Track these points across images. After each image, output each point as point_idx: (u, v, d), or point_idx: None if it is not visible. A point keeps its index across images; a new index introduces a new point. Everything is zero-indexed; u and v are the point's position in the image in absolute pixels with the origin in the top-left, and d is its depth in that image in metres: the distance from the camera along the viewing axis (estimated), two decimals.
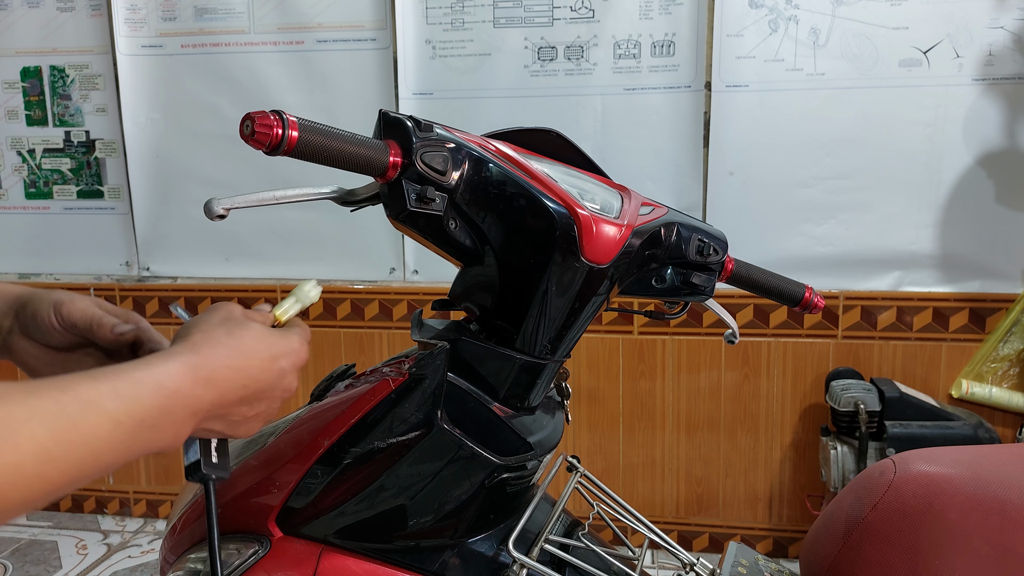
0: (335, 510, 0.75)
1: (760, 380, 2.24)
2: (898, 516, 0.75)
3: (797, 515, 2.29)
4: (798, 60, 2.11)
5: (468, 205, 0.71)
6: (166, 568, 0.83)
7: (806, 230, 2.18)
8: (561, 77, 2.22)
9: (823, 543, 0.82)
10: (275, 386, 0.61)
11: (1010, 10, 2.02)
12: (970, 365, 2.14)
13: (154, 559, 2.38)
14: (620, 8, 2.16)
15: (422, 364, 0.71)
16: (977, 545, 0.71)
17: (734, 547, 0.96)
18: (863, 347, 2.18)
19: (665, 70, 2.17)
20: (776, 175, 2.17)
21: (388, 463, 0.72)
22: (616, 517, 0.89)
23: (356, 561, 0.76)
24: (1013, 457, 0.80)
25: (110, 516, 2.64)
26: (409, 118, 0.69)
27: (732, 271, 0.91)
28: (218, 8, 2.32)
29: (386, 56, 2.27)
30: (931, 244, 2.14)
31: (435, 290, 2.32)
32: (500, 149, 0.75)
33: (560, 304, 0.73)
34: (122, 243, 2.47)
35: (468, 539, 0.78)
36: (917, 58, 2.07)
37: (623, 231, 0.74)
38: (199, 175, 2.35)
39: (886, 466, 0.80)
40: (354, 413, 0.73)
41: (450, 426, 0.72)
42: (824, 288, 2.17)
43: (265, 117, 0.60)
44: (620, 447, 2.33)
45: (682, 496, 2.34)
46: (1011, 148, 2.07)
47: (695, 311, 2.10)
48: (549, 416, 0.84)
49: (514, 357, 0.75)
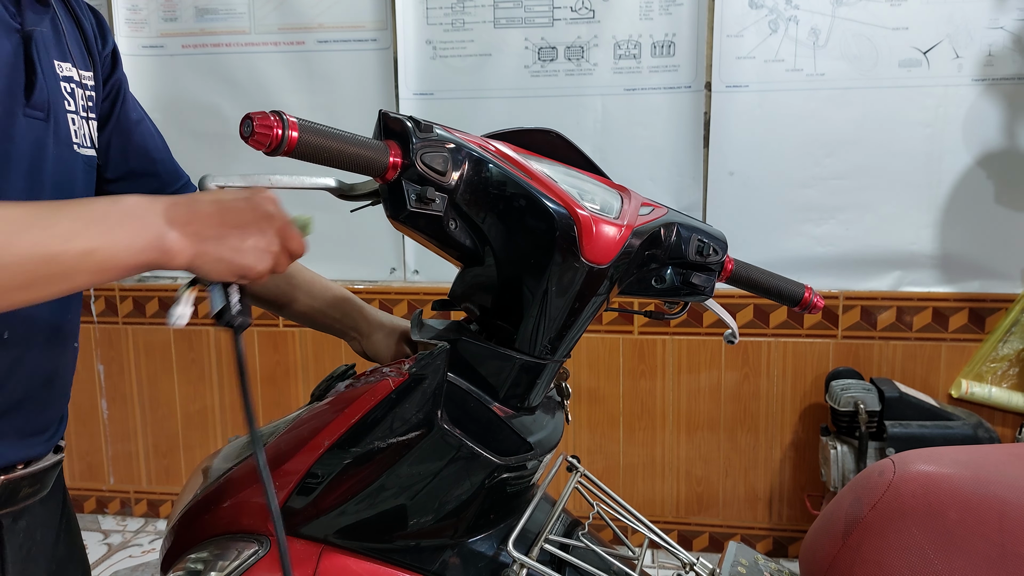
0: (335, 510, 0.75)
1: (760, 380, 2.24)
2: (897, 516, 0.75)
3: (797, 515, 2.29)
4: (798, 60, 2.11)
5: (468, 205, 0.71)
6: (166, 568, 0.83)
7: (806, 230, 2.18)
8: (561, 77, 2.22)
9: (823, 543, 0.82)
10: (254, 210, 0.64)
11: (1010, 10, 2.02)
12: (970, 365, 2.14)
13: (155, 559, 2.38)
14: (620, 8, 2.16)
15: (422, 364, 0.71)
16: (977, 545, 0.71)
17: (734, 547, 0.96)
18: (863, 347, 2.18)
19: (665, 70, 2.17)
20: (776, 175, 2.17)
21: (388, 463, 0.72)
22: (616, 517, 0.89)
23: (356, 561, 0.76)
24: (1013, 457, 0.80)
25: (111, 516, 2.64)
26: (409, 118, 0.69)
27: (732, 271, 0.91)
28: (219, 8, 2.32)
29: (386, 56, 2.27)
30: (931, 244, 2.14)
31: (435, 290, 2.32)
32: (500, 149, 0.75)
33: (560, 304, 0.73)
34: None
35: (468, 539, 0.78)
36: (917, 58, 2.08)
37: (623, 231, 0.74)
38: (200, 175, 2.35)
39: (886, 466, 0.80)
40: (354, 413, 0.73)
41: (450, 426, 0.72)
42: (824, 288, 2.17)
43: (265, 118, 0.60)
44: (620, 447, 2.33)
45: (682, 496, 2.34)
46: (1011, 148, 2.07)
47: (695, 311, 2.10)
48: (549, 416, 0.84)
49: (514, 357, 0.75)
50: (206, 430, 2.54)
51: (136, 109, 0.98)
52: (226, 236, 0.63)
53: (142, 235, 0.60)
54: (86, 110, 0.87)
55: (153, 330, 2.50)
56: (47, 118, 0.79)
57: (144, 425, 2.57)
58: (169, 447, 2.58)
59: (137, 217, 0.60)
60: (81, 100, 0.86)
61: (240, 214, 0.64)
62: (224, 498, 0.80)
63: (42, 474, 0.86)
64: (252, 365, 2.48)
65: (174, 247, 0.61)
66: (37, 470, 0.85)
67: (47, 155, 0.79)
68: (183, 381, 2.53)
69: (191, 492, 0.86)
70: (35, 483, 0.86)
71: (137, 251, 0.59)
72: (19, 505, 0.84)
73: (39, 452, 0.86)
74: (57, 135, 0.81)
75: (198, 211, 0.62)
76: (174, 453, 2.58)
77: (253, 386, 2.48)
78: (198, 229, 0.62)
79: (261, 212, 0.64)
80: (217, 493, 0.82)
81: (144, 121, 0.99)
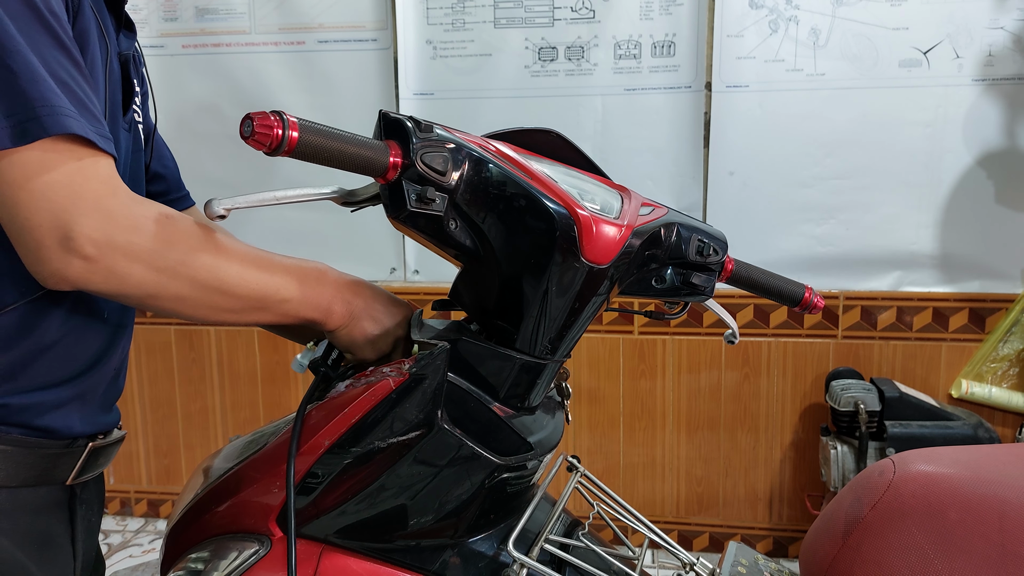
0: (336, 510, 0.75)
1: (760, 380, 2.24)
2: (897, 516, 0.75)
3: (797, 515, 2.29)
4: (798, 60, 2.11)
5: (468, 205, 0.71)
6: (166, 568, 0.84)
7: (806, 230, 2.18)
8: (561, 77, 2.22)
9: (823, 543, 0.82)
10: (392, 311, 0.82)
11: (1010, 10, 2.02)
12: (970, 365, 2.14)
13: (155, 559, 2.38)
14: (620, 8, 2.16)
15: (422, 364, 0.71)
16: (977, 545, 0.71)
17: (734, 547, 0.96)
18: (863, 347, 2.18)
19: (665, 70, 2.17)
20: (776, 175, 2.17)
21: (388, 463, 0.72)
22: (616, 517, 0.89)
23: (356, 561, 0.76)
24: (1013, 457, 0.80)
25: (111, 516, 2.64)
26: (409, 118, 0.69)
27: (732, 271, 0.91)
28: (219, 8, 2.32)
29: (387, 56, 2.27)
30: (931, 244, 2.14)
31: (435, 290, 2.32)
32: (500, 149, 0.75)
33: (560, 304, 0.73)
34: None
35: (468, 539, 0.78)
36: (917, 58, 2.08)
37: (623, 231, 0.74)
38: (200, 175, 2.34)
39: (886, 466, 0.80)
40: (355, 413, 0.73)
41: (450, 426, 0.72)
42: (824, 288, 2.17)
43: (265, 118, 0.60)
44: (620, 447, 2.33)
45: (682, 496, 2.34)
46: (1011, 148, 2.07)
47: (695, 311, 2.10)
48: (549, 416, 0.84)
49: (514, 357, 0.75)
50: (206, 430, 2.54)
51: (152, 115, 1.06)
52: (369, 326, 0.80)
53: (323, 302, 0.78)
54: (142, 120, 0.96)
55: (154, 330, 2.50)
56: (130, 130, 0.90)
57: (144, 425, 2.57)
58: (169, 447, 2.58)
59: (328, 284, 0.79)
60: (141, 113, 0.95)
61: (380, 319, 0.81)
62: (224, 498, 0.80)
63: (111, 447, 0.92)
64: (252, 365, 2.48)
65: (334, 318, 0.79)
66: (111, 441, 0.92)
67: (127, 164, 0.90)
68: (183, 381, 2.53)
69: (191, 492, 0.86)
70: (106, 455, 0.92)
71: (313, 310, 0.77)
72: (94, 473, 0.91)
73: (113, 422, 0.93)
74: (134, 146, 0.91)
75: (362, 294, 0.81)
76: (174, 453, 2.58)
77: (253, 386, 2.49)
78: (355, 309, 0.80)
79: (397, 324, 0.82)
80: (217, 493, 0.82)
81: (156, 129, 1.06)
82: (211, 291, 0.71)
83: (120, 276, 0.68)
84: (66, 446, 0.84)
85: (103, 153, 0.70)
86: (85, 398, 0.86)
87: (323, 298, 0.77)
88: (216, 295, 0.72)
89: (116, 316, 0.88)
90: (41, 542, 0.84)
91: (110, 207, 0.67)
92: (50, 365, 0.81)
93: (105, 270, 0.67)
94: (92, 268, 0.66)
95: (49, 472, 0.83)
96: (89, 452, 0.87)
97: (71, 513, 0.88)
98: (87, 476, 0.89)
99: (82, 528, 0.90)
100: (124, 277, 0.68)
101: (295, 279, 0.76)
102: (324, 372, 0.81)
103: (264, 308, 0.74)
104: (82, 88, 0.71)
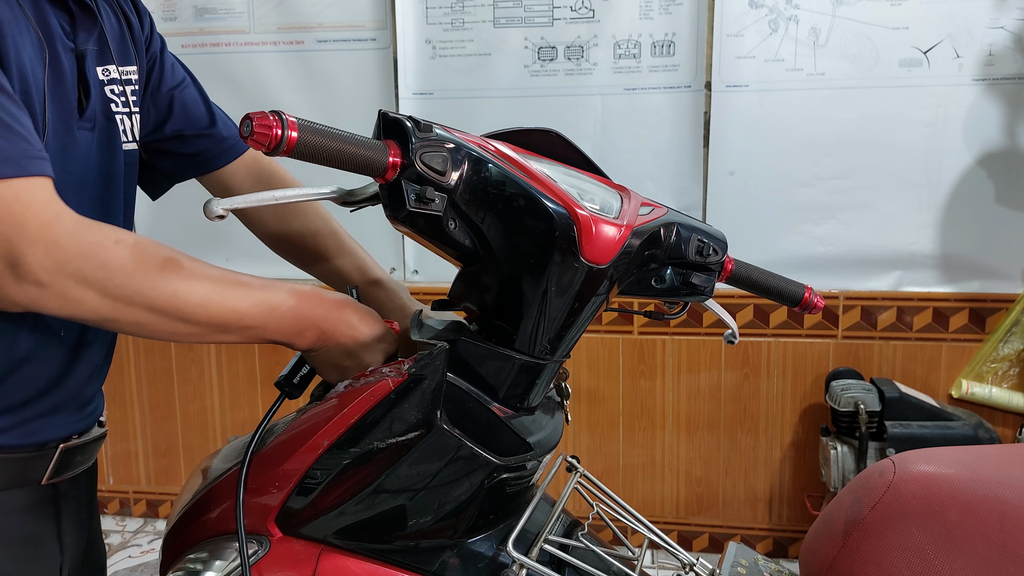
0: (335, 510, 0.75)
1: (760, 380, 2.24)
2: (898, 516, 0.74)
3: (797, 515, 2.29)
4: (798, 60, 2.11)
5: (467, 205, 0.71)
6: (165, 568, 0.83)
7: (806, 230, 2.18)
8: (561, 77, 2.22)
9: (822, 543, 0.82)
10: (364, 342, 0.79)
11: (1010, 10, 2.02)
12: (970, 365, 2.14)
13: (154, 559, 2.38)
14: (620, 8, 2.16)
15: (422, 364, 0.71)
16: (977, 545, 0.71)
17: (734, 547, 0.96)
18: (863, 347, 2.18)
19: (665, 70, 2.17)
20: (776, 175, 2.17)
21: (388, 463, 0.72)
22: (616, 517, 0.89)
23: (356, 561, 0.76)
24: (1013, 457, 0.80)
25: (110, 516, 2.64)
26: (408, 118, 0.69)
27: (732, 271, 0.91)
28: (218, 8, 2.32)
29: (386, 56, 2.27)
30: (931, 244, 2.14)
31: (435, 290, 2.32)
32: (499, 149, 0.75)
33: (560, 304, 0.73)
34: None
35: (468, 539, 0.78)
36: (917, 58, 2.07)
37: (623, 231, 0.74)
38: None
39: (886, 466, 0.80)
40: (354, 414, 0.73)
41: (450, 426, 0.72)
42: (824, 288, 2.17)
43: (264, 117, 0.60)
44: (620, 447, 2.33)
45: (682, 496, 2.34)
46: (1011, 148, 2.07)
47: (695, 311, 2.10)
48: (549, 416, 0.84)
49: (514, 357, 0.75)
50: (205, 430, 2.54)
51: (175, 74, 1.02)
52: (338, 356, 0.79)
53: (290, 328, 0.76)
54: (127, 104, 0.91)
55: None
56: (93, 128, 0.86)
57: (143, 425, 2.57)
58: (168, 447, 2.58)
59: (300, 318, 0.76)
60: (125, 96, 0.91)
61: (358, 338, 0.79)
62: (223, 498, 0.80)
63: (90, 445, 0.93)
64: (251, 366, 2.48)
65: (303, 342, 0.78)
66: (87, 440, 0.92)
67: (92, 162, 0.86)
68: (183, 381, 2.53)
69: (190, 492, 0.86)
70: (85, 453, 0.92)
71: (279, 335, 0.76)
72: (74, 471, 0.90)
73: (88, 424, 0.93)
74: (103, 140, 0.88)
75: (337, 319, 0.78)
76: (173, 453, 2.58)
77: (251, 387, 2.48)
78: (326, 335, 0.78)
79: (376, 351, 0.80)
80: (216, 493, 0.82)
81: (187, 86, 1.03)
82: (170, 318, 0.70)
83: (73, 301, 0.67)
84: (36, 450, 0.84)
85: (37, 176, 0.68)
86: (52, 412, 0.85)
87: (290, 325, 0.76)
88: (176, 322, 0.71)
89: (74, 336, 0.86)
90: (21, 542, 0.84)
91: (55, 235, 0.66)
92: (9, 389, 0.80)
93: (58, 295, 0.67)
94: (45, 294, 0.66)
95: (21, 475, 0.83)
96: (62, 453, 0.87)
97: (56, 510, 0.88)
98: (67, 475, 0.89)
99: (70, 524, 0.90)
100: (78, 302, 0.67)
101: (262, 305, 0.74)
102: (288, 392, 0.83)
103: (228, 331, 0.73)
104: (5, 109, 0.69)
